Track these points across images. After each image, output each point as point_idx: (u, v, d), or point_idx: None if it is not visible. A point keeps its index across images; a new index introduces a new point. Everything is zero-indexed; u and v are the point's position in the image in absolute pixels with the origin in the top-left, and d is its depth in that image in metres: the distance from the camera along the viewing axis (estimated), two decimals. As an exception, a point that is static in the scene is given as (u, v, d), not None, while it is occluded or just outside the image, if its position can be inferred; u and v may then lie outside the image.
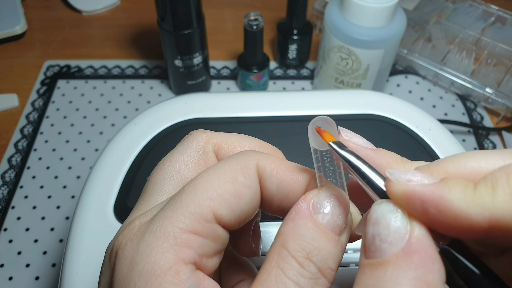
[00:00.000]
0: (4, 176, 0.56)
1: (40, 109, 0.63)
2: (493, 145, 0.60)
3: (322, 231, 0.18)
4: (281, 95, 0.43)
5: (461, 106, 0.64)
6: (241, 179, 0.20)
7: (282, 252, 0.18)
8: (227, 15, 0.79)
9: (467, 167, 0.17)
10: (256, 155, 0.21)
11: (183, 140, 0.24)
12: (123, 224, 0.20)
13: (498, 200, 0.15)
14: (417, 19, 0.69)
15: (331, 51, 0.56)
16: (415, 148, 0.39)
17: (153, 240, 0.18)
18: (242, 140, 0.23)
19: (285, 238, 0.18)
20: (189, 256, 0.18)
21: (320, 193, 0.19)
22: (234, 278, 0.25)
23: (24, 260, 0.49)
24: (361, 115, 0.41)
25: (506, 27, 0.68)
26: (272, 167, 0.21)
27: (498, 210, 0.15)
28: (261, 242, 0.25)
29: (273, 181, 0.20)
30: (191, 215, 0.18)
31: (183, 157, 0.22)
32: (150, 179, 0.22)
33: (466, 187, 0.16)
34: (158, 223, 0.18)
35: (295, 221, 0.18)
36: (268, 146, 0.24)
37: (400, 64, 0.68)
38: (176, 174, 0.22)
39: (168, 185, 0.22)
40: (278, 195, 0.21)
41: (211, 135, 0.23)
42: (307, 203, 0.19)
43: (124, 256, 0.18)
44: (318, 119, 0.21)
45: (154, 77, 0.68)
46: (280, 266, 0.17)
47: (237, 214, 0.19)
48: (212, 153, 0.23)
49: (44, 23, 0.77)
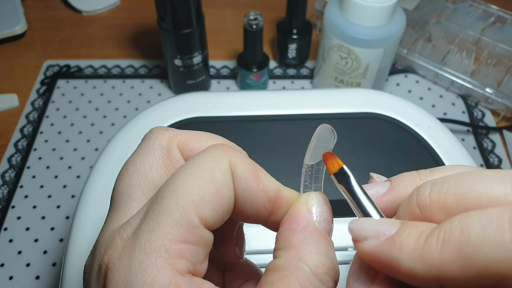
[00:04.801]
0: (4, 175, 0.56)
1: (40, 109, 0.63)
2: (492, 144, 0.60)
3: (327, 241, 0.19)
4: (280, 94, 0.43)
5: (462, 104, 0.64)
6: (219, 176, 0.19)
7: (301, 268, 0.18)
8: (227, 15, 0.79)
9: (468, 200, 0.16)
10: (229, 151, 0.20)
11: (144, 140, 0.22)
12: (99, 238, 0.19)
13: (444, 258, 0.14)
14: (417, 19, 0.69)
15: (331, 50, 0.56)
16: (415, 147, 0.39)
17: (144, 257, 0.17)
18: (208, 137, 0.22)
19: (301, 252, 0.18)
20: (184, 267, 0.17)
21: (314, 200, 0.20)
22: (238, 279, 0.24)
23: (25, 260, 0.49)
24: (361, 113, 0.41)
25: (506, 27, 0.68)
26: (243, 168, 0.19)
27: (444, 268, 0.14)
28: (244, 246, 0.24)
29: (241, 183, 0.19)
30: (178, 224, 0.17)
31: (147, 159, 0.21)
32: (116, 187, 0.21)
33: (418, 238, 0.15)
34: (145, 237, 0.17)
35: (305, 232, 0.19)
36: (233, 145, 0.23)
37: (400, 64, 0.68)
38: (143, 178, 0.21)
39: (137, 192, 0.20)
40: (241, 199, 0.20)
41: (174, 133, 0.22)
42: (309, 212, 0.19)
43: (115, 277, 0.17)
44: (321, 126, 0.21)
45: (154, 77, 0.68)
46: (301, 283, 0.17)
47: (219, 214, 0.19)
48: (177, 151, 0.21)
49: (44, 23, 0.77)
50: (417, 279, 0.15)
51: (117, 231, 0.18)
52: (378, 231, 0.17)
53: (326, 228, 0.19)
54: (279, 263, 0.18)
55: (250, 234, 0.32)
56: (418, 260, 0.15)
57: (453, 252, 0.14)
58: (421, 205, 0.17)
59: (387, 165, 0.38)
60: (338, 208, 0.22)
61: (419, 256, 0.15)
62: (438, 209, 0.16)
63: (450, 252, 0.14)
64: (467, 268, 0.14)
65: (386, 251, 0.16)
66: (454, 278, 0.14)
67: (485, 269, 0.14)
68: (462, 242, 0.14)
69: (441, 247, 0.15)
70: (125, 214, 0.20)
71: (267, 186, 0.20)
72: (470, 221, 0.14)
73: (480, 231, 0.14)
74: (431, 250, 0.15)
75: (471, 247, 0.14)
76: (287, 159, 0.37)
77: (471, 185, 0.16)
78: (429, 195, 0.17)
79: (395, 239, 0.16)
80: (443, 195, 0.16)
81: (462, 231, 0.14)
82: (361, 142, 0.39)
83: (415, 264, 0.15)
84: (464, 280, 0.14)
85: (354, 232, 0.17)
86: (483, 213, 0.14)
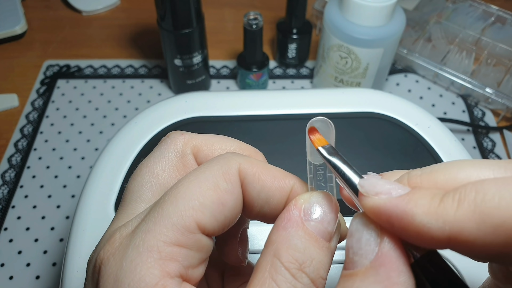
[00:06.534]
0: (4, 175, 0.56)
1: (40, 109, 0.63)
2: (492, 143, 0.60)
3: (313, 240, 0.18)
4: (280, 93, 0.43)
5: (462, 104, 0.64)
6: (223, 185, 0.19)
7: (275, 263, 0.18)
8: (227, 15, 0.79)
9: (457, 178, 0.17)
10: (238, 158, 0.20)
11: (160, 143, 0.23)
12: (104, 235, 0.20)
13: (460, 215, 0.15)
14: (417, 19, 0.69)
15: (331, 50, 0.56)
16: (415, 146, 0.39)
17: (136, 256, 0.17)
18: (222, 141, 0.22)
19: (277, 247, 0.18)
20: (174, 270, 0.17)
21: (311, 198, 0.19)
22: (238, 279, 0.24)
23: (25, 260, 0.49)
24: (361, 113, 0.41)
25: (506, 27, 0.68)
26: (255, 171, 0.20)
27: (458, 225, 0.15)
28: (248, 249, 0.24)
29: (255, 186, 0.20)
30: (174, 227, 0.17)
31: (160, 162, 0.21)
32: (128, 186, 0.22)
33: (433, 198, 0.16)
34: (140, 237, 0.17)
35: (287, 229, 0.18)
36: (248, 148, 0.23)
37: (400, 64, 0.68)
38: (155, 180, 0.21)
39: (147, 193, 0.21)
40: (259, 201, 0.20)
41: (189, 137, 0.22)
42: (299, 210, 0.19)
43: (107, 273, 0.17)
44: (315, 120, 0.20)
45: (153, 77, 0.68)
46: (274, 278, 0.17)
47: (220, 222, 0.19)
48: (191, 156, 0.22)
49: (44, 23, 0.77)
50: (428, 236, 0.15)
51: (119, 228, 0.19)
52: (390, 188, 0.17)
53: (320, 229, 0.18)
54: (259, 260, 0.18)
55: (250, 233, 0.32)
56: (433, 216, 0.15)
57: (469, 209, 0.15)
58: (412, 182, 0.17)
59: (387, 165, 0.38)
60: (345, 208, 0.21)
61: (434, 212, 0.15)
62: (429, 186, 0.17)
63: (466, 209, 0.15)
64: (482, 225, 0.14)
65: (401, 206, 0.16)
66: (468, 235, 0.15)
67: (499, 226, 0.14)
68: (478, 201, 0.15)
69: (456, 206, 0.15)
70: (132, 213, 0.20)
71: (281, 184, 0.20)
72: (485, 184, 0.15)
73: (496, 191, 0.14)
74: (447, 208, 0.15)
75: (487, 205, 0.14)
76: (287, 159, 0.37)
77: (460, 167, 0.17)
78: (421, 175, 0.17)
79: (409, 196, 0.16)
80: (434, 174, 0.17)
81: (477, 192, 0.15)
82: (361, 142, 0.39)
83: (430, 220, 0.15)
84: (477, 238, 0.14)
85: (365, 187, 0.17)
86: (497, 179, 0.15)
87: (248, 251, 0.24)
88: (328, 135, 0.20)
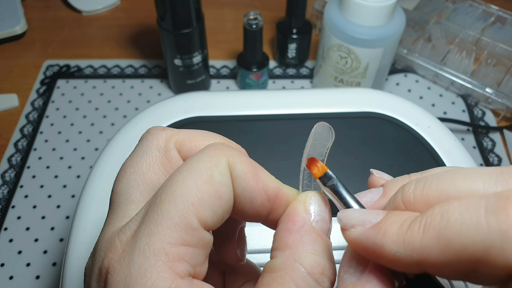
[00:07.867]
0: (4, 175, 0.56)
1: (40, 109, 0.63)
2: (492, 143, 0.60)
3: (324, 241, 0.19)
4: (280, 93, 0.43)
5: (462, 103, 0.64)
6: (218, 177, 0.18)
7: (296, 268, 0.18)
8: (227, 15, 0.79)
9: (449, 194, 0.17)
10: (227, 151, 0.19)
11: (141, 140, 0.22)
12: (99, 241, 0.19)
13: (425, 242, 0.15)
14: (417, 19, 0.69)
15: (331, 50, 0.56)
16: (414, 146, 0.39)
17: (144, 261, 0.17)
18: (206, 135, 0.22)
19: (296, 252, 0.18)
20: (184, 270, 0.17)
21: (312, 198, 0.20)
22: (239, 279, 0.24)
23: (25, 260, 0.49)
24: (361, 113, 0.41)
25: (506, 27, 0.68)
26: (242, 167, 0.19)
27: (424, 252, 0.15)
28: (246, 248, 0.24)
29: (240, 182, 0.19)
30: (177, 226, 0.17)
31: (144, 160, 0.21)
32: (114, 189, 0.21)
33: (402, 225, 0.16)
34: (144, 241, 0.17)
35: (301, 232, 0.19)
36: (232, 143, 0.23)
37: (400, 64, 0.68)
38: (141, 179, 0.20)
39: (135, 193, 0.20)
40: (241, 198, 0.19)
41: (171, 132, 0.22)
42: (307, 212, 0.19)
43: (115, 281, 0.17)
44: (318, 124, 0.21)
45: (153, 77, 0.68)
46: (296, 283, 0.18)
47: (219, 215, 0.18)
48: (175, 151, 0.21)
49: (44, 23, 0.77)
50: (400, 263, 0.16)
51: (117, 234, 0.18)
52: (365, 219, 0.17)
53: (324, 227, 0.19)
54: (275, 264, 0.18)
55: (250, 233, 0.32)
56: (400, 244, 0.16)
57: (433, 236, 0.15)
58: (406, 201, 0.18)
59: (387, 165, 0.38)
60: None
61: (402, 240, 0.16)
62: (421, 204, 0.17)
63: (431, 236, 0.15)
64: (446, 251, 0.15)
65: (371, 237, 0.17)
66: (434, 261, 0.15)
67: (462, 252, 0.14)
68: (442, 227, 0.15)
69: (422, 232, 0.15)
70: (124, 216, 0.20)
71: (267, 185, 0.20)
72: (450, 207, 0.15)
73: (458, 216, 0.15)
74: (413, 235, 0.15)
75: (449, 231, 0.15)
76: (287, 159, 0.37)
77: (452, 180, 0.17)
78: (413, 192, 0.17)
79: (380, 225, 0.17)
80: (426, 191, 0.17)
81: (442, 216, 0.15)
82: (361, 142, 0.39)
83: (398, 248, 0.16)
84: (443, 263, 0.15)
85: (343, 221, 0.18)
86: (462, 201, 0.15)
87: (246, 249, 0.24)
88: (326, 140, 0.21)
